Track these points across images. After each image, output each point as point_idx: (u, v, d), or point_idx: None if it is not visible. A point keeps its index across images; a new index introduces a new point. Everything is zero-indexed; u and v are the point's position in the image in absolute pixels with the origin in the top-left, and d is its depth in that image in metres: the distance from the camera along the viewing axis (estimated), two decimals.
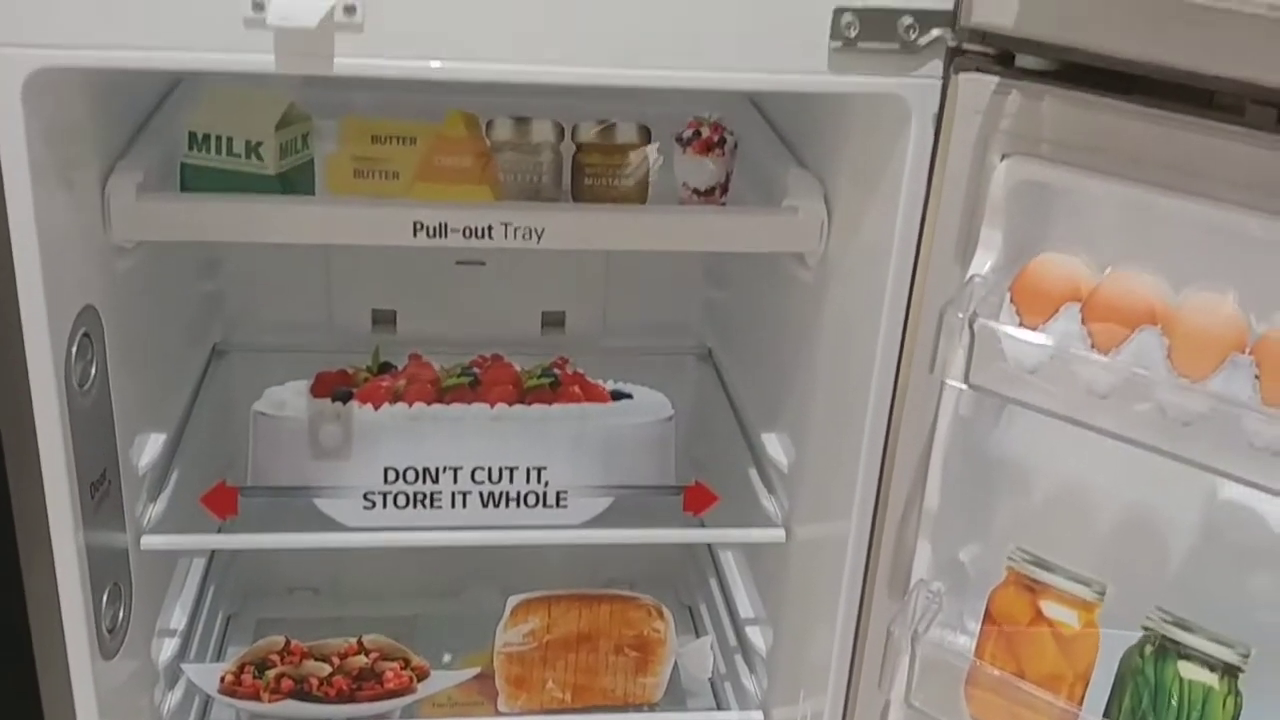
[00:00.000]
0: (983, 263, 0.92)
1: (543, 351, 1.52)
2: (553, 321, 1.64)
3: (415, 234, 1.13)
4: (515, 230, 1.14)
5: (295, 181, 1.19)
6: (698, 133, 1.22)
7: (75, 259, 1.05)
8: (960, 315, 0.88)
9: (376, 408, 1.24)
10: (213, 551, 1.51)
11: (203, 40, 0.93)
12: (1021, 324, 0.88)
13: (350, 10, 0.93)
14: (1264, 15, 0.74)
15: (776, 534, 1.30)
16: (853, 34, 0.96)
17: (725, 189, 1.24)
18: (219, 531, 1.28)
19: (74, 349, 1.05)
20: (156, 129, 1.22)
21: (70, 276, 1.03)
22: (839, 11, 0.96)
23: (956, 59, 0.94)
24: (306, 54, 0.93)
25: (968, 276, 0.92)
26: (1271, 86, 0.79)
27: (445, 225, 1.13)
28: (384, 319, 1.61)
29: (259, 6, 0.91)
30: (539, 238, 1.15)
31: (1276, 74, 0.78)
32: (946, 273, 0.96)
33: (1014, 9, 0.87)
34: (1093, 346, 0.85)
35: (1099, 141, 0.87)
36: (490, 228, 1.14)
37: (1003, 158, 0.91)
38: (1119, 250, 0.88)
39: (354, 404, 1.25)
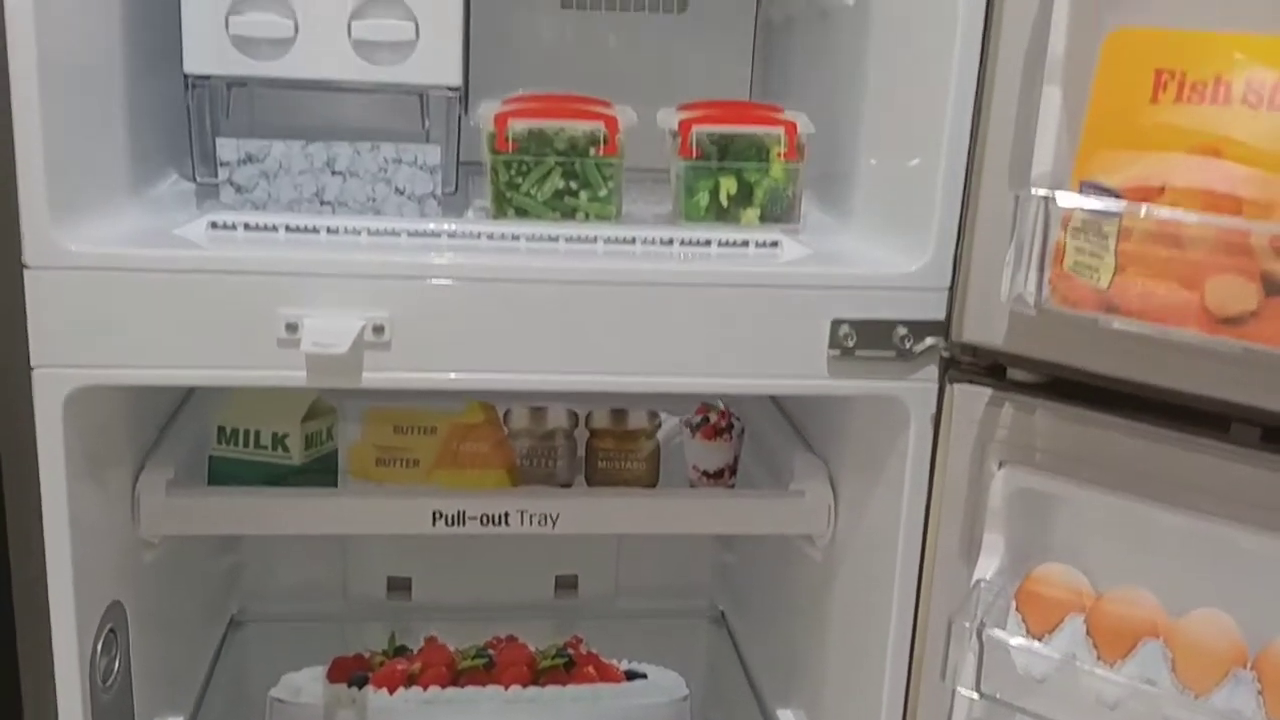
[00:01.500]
0: (987, 567, 0.95)
1: (556, 615, 1.54)
2: (566, 585, 1.65)
3: (434, 523, 1.17)
4: (531, 517, 1.18)
5: (319, 471, 1.24)
6: (706, 418, 1.27)
7: (104, 557, 1.08)
8: (968, 625, 0.90)
9: (392, 692, 1.25)
10: None
11: (236, 359, 0.98)
12: (1028, 633, 0.90)
13: (379, 330, 0.98)
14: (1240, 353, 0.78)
15: None
16: (850, 344, 1.02)
17: (734, 471, 1.28)
18: None
19: (99, 646, 1.06)
20: (185, 421, 1.27)
21: (99, 575, 1.06)
22: (836, 323, 1.02)
23: (950, 369, 0.99)
24: (336, 370, 0.98)
25: (974, 581, 0.95)
26: (1253, 406, 0.83)
27: (463, 513, 1.17)
28: (399, 585, 1.63)
29: (292, 328, 0.97)
30: (554, 523, 1.18)
31: (1257, 395, 0.82)
32: (953, 573, 0.98)
33: (1003, 329, 0.92)
34: (1099, 658, 0.86)
35: (1090, 453, 0.91)
36: (506, 514, 1.17)
37: (1000, 465, 0.95)
38: (1119, 558, 0.91)
39: (369, 689, 1.25)
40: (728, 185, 1.12)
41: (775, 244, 1.10)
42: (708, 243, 1.09)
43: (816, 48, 1.26)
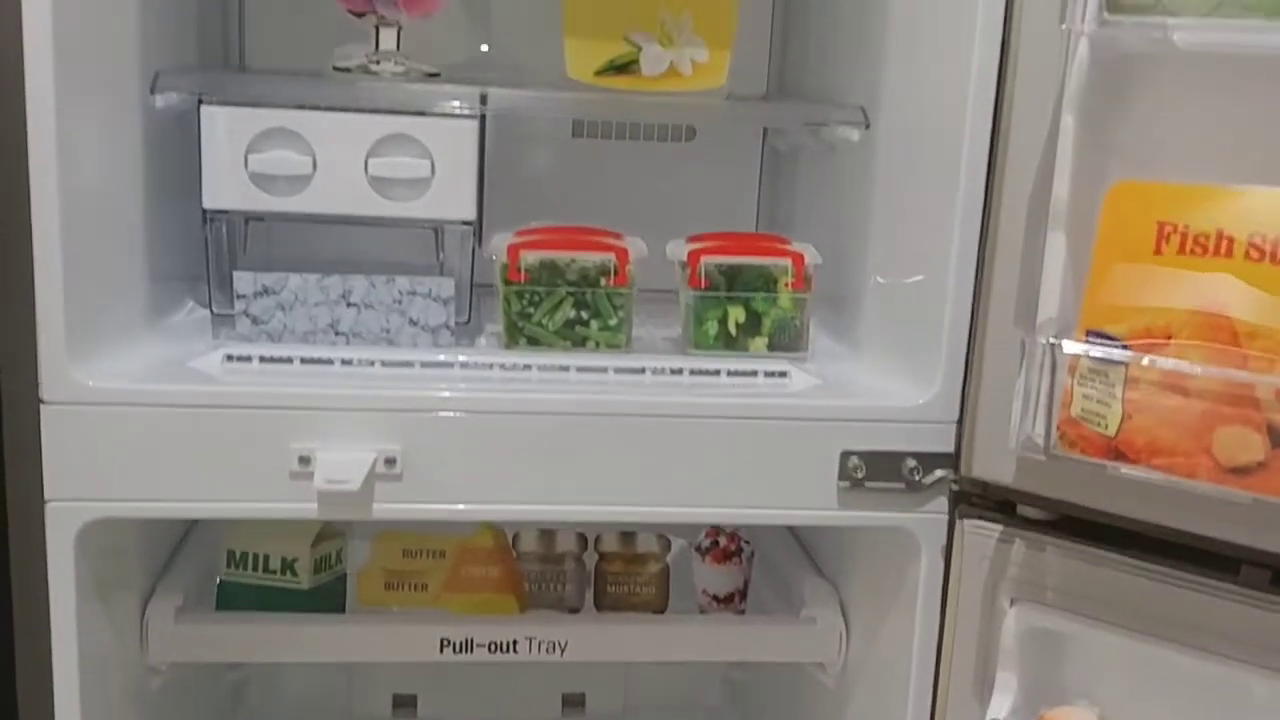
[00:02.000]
0: (1001, 706, 0.94)
1: None
2: (573, 703, 1.63)
3: (442, 650, 1.16)
4: (539, 644, 1.17)
5: (328, 595, 1.23)
6: (716, 542, 1.27)
7: (112, 686, 1.07)
8: None
9: None
10: None
11: (249, 493, 0.99)
12: None
13: (391, 462, 0.99)
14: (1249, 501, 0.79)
15: None
16: (860, 475, 1.02)
17: (744, 595, 1.28)
18: None
19: None
20: (195, 544, 1.27)
21: (106, 704, 1.06)
22: (846, 454, 1.02)
23: (961, 504, 0.99)
24: (347, 504, 0.99)
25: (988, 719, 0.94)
26: (1263, 550, 0.83)
27: (471, 640, 1.16)
28: (404, 703, 1.61)
29: (305, 461, 0.98)
30: (562, 651, 1.18)
31: (1267, 539, 0.83)
32: (966, 710, 0.98)
33: (1012, 467, 0.93)
34: None
35: (1101, 593, 0.91)
36: (515, 642, 1.17)
37: (1012, 603, 0.95)
38: (1133, 700, 0.91)
39: None
40: (736, 315, 1.14)
41: (784, 374, 1.11)
42: (717, 372, 1.11)
43: (823, 178, 1.28)
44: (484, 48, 1.38)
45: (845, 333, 1.20)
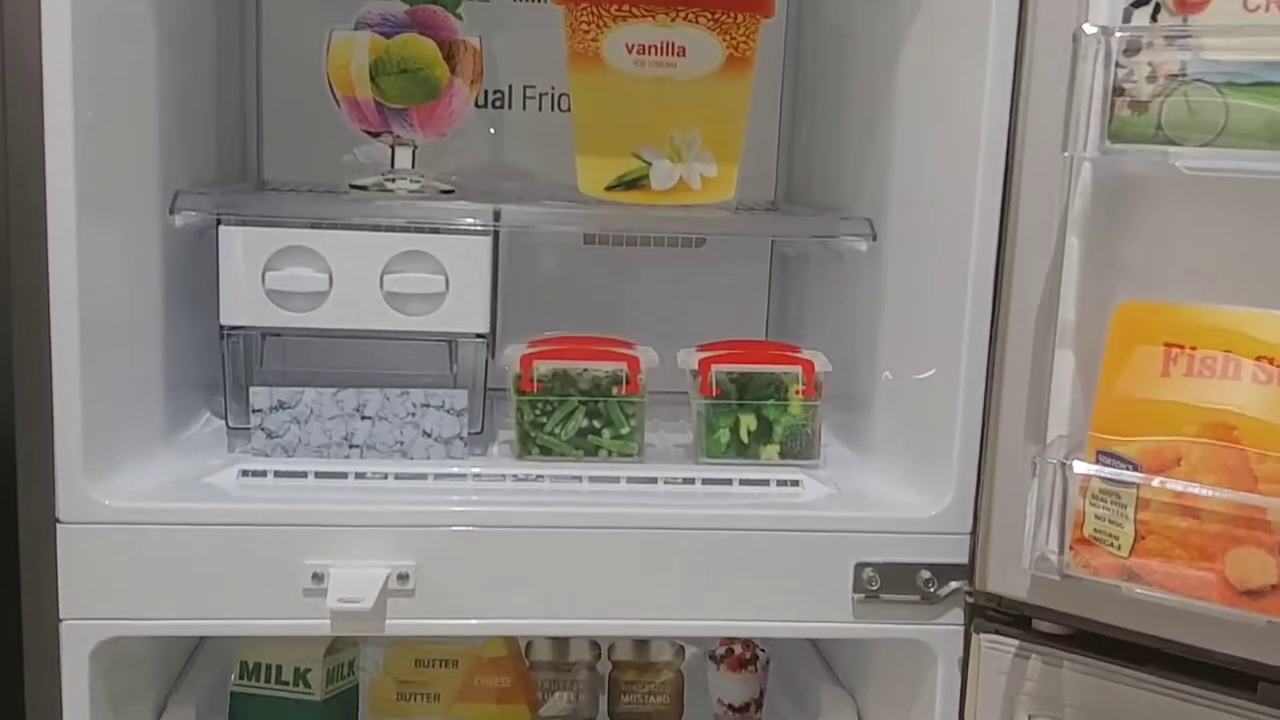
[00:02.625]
0: None
1: None
2: None
3: None
4: None
5: (340, 706, 1.23)
6: (731, 650, 1.26)
7: None
8: None
9: None
10: None
11: (262, 610, 0.99)
12: None
13: (404, 578, 0.99)
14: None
15: None
16: (874, 587, 1.02)
17: (760, 704, 1.26)
18: None
19: None
20: (209, 654, 1.27)
21: None
22: (860, 566, 1.02)
23: (976, 618, 0.98)
24: (360, 621, 0.99)
25: None
26: (1279, 666, 0.82)
27: None
28: None
29: (318, 578, 0.98)
30: None
31: None
32: None
33: (1026, 582, 0.93)
34: None
35: (1119, 709, 0.90)
36: None
37: (1029, 719, 0.94)
38: None
39: None
40: (748, 422, 1.14)
41: (796, 483, 1.11)
42: (729, 481, 1.11)
43: (832, 284, 1.29)
44: (498, 154, 1.40)
45: (857, 438, 1.20)
